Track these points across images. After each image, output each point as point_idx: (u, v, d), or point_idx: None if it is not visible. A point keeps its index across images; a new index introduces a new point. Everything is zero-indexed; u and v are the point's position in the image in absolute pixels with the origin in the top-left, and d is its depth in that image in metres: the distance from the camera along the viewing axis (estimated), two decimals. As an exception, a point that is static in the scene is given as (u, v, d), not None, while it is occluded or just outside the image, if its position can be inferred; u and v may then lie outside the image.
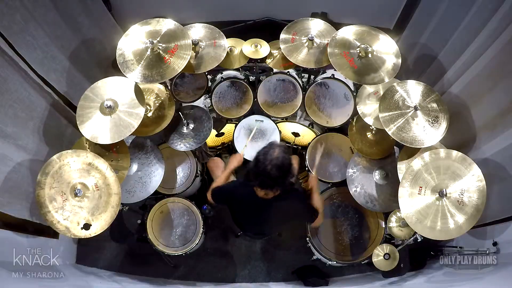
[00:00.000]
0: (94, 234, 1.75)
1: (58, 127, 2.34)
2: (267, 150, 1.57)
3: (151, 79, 1.90)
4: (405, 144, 1.87)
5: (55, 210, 1.72)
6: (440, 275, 2.22)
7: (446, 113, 1.90)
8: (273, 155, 1.54)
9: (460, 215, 1.70)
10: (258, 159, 1.57)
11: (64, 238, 2.47)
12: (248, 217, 1.90)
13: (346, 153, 2.48)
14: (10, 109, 1.89)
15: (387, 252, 2.06)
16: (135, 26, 2.03)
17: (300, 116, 2.94)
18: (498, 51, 1.84)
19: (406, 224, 1.84)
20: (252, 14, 3.13)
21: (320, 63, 2.16)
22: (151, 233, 2.31)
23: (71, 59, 2.37)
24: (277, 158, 1.53)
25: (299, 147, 2.76)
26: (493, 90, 1.92)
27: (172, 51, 1.94)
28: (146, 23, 2.03)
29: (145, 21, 2.03)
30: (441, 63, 2.45)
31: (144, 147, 2.28)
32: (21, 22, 1.89)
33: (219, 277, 2.70)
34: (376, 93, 2.18)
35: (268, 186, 1.60)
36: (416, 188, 1.76)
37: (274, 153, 1.54)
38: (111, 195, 1.79)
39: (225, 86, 2.52)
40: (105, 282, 2.47)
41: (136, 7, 2.88)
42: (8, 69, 1.85)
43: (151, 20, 2.03)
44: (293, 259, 2.69)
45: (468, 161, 1.76)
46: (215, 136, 2.69)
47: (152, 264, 2.68)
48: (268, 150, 1.56)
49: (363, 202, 2.12)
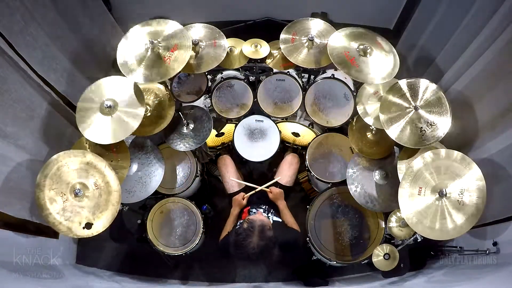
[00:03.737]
0: (96, 232, 1.75)
1: (58, 127, 2.33)
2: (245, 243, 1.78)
3: (151, 79, 1.90)
4: (405, 144, 1.86)
5: (56, 212, 1.72)
6: (440, 275, 2.22)
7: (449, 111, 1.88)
8: (249, 246, 1.76)
9: (460, 215, 1.70)
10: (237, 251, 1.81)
11: (64, 238, 2.47)
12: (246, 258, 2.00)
13: (346, 153, 2.48)
14: (10, 109, 1.89)
15: (387, 252, 2.06)
16: (136, 27, 2.02)
17: (300, 116, 2.94)
18: (498, 51, 1.84)
19: (406, 224, 1.83)
20: (252, 14, 3.13)
21: (320, 63, 2.16)
22: (151, 233, 2.31)
23: (71, 59, 2.37)
24: (255, 247, 1.76)
25: (299, 147, 2.76)
26: (493, 90, 1.92)
27: (172, 51, 1.94)
28: (146, 24, 2.02)
29: (145, 22, 2.03)
30: (441, 63, 2.46)
31: (144, 147, 2.28)
32: (21, 22, 1.89)
33: (219, 277, 2.70)
34: (376, 93, 2.18)
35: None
36: (416, 188, 1.76)
37: (251, 245, 1.76)
38: (111, 193, 1.79)
39: (225, 86, 2.52)
40: (105, 282, 2.47)
41: (136, 7, 2.88)
42: (8, 69, 1.85)
43: (151, 21, 2.03)
44: (293, 259, 2.69)
45: (468, 160, 1.76)
46: (215, 136, 2.69)
47: (152, 264, 2.68)
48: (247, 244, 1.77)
49: (363, 202, 2.12)
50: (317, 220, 2.36)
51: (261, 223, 1.83)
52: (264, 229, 1.82)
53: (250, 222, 1.83)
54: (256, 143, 2.52)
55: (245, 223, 1.85)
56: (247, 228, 1.81)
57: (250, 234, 1.78)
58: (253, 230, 1.79)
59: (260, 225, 1.82)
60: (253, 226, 1.80)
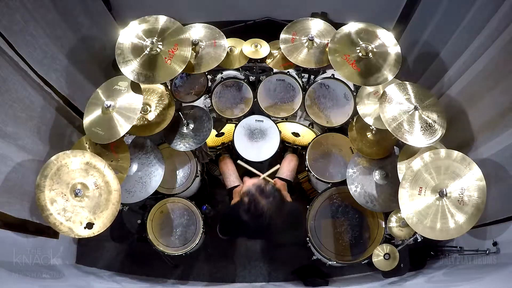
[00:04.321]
0: (97, 232, 1.75)
1: (58, 127, 2.33)
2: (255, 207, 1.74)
3: (151, 79, 1.90)
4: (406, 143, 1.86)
5: (57, 212, 1.72)
6: (440, 275, 2.22)
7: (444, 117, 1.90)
8: (261, 211, 1.73)
9: (460, 214, 1.70)
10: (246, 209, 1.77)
11: (64, 238, 2.47)
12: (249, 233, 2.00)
13: (346, 153, 2.48)
14: (10, 109, 1.89)
15: (387, 252, 2.06)
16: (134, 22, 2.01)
17: (300, 116, 2.94)
18: (498, 51, 1.84)
19: (406, 224, 1.84)
20: (252, 14, 3.13)
21: (320, 63, 2.16)
22: (151, 233, 2.31)
23: (71, 59, 2.37)
24: (265, 214, 1.73)
25: (299, 147, 2.76)
26: (493, 90, 1.92)
27: (172, 51, 1.94)
28: (144, 21, 2.01)
29: (142, 19, 2.02)
30: (441, 63, 2.46)
31: (144, 147, 2.28)
32: (21, 22, 1.89)
33: (219, 277, 2.70)
34: (376, 93, 2.18)
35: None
36: (416, 189, 1.76)
37: (261, 210, 1.73)
38: (111, 192, 1.80)
39: (225, 86, 2.52)
40: (105, 282, 2.47)
41: (136, 7, 2.88)
42: (8, 69, 1.85)
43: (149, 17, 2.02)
44: (293, 259, 2.69)
45: (468, 160, 1.76)
46: (215, 136, 2.69)
47: (152, 264, 2.68)
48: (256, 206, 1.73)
49: (363, 202, 2.12)
50: (317, 220, 2.36)
51: (255, 186, 1.80)
52: (262, 188, 1.79)
53: (247, 193, 1.79)
54: (256, 143, 2.51)
55: (245, 198, 1.80)
56: (250, 199, 1.76)
57: (256, 202, 1.74)
58: (256, 196, 1.75)
59: (256, 188, 1.79)
60: (252, 194, 1.77)
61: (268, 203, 1.74)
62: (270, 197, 1.76)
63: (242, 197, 1.83)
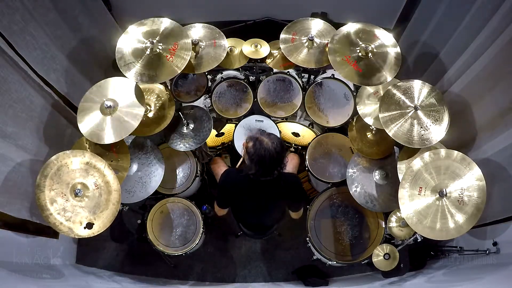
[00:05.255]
0: (97, 232, 1.75)
1: (58, 127, 2.33)
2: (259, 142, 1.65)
3: (151, 79, 1.90)
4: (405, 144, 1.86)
5: (57, 212, 1.72)
6: (440, 275, 2.22)
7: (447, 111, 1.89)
8: (267, 146, 1.63)
9: (460, 214, 1.70)
10: (253, 151, 1.65)
11: (64, 238, 2.47)
12: (247, 204, 1.92)
13: (346, 153, 2.47)
14: (10, 109, 1.89)
15: (387, 252, 2.06)
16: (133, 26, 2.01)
17: (300, 116, 2.94)
18: (498, 51, 1.84)
19: (406, 224, 1.84)
20: (252, 14, 3.12)
21: (320, 63, 2.16)
22: (151, 233, 2.31)
23: (71, 59, 2.37)
24: (271, 149, 1.63)
25: (299, 147, 2.76)
26: (493, 90, 1.92)
27: (172, 51, 1.94)
28: (143, 24, 2.01)
29: (141, 22, 2.02)
30: (441, 63, 2.45)
31: (144, 147, 2.28)
32: (21, 22, 1.89)
33: (219, 277, 2.70)
34: (376, 93, 2.18)
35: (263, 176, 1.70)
36: (416, 189, 1.76)
37: (266, 145, 1.63)
38: (111, 192, 1.80)
39: (225, 86, 2.52)
40: (105, 282, 2.47)
41: (136, 7, 2.88)
42: (8, 69, 1.85)
43: (147, 20, 2.02)
44: (293, 259, 2.69)
45: (468, 160, 1.76)
46: (215, 136, 2.69)
47: (152, 264, 2.68)
48: (261, 143, 1.64)
49: (363, 202, 2.12)
50: (317, 220, 2.37)
51: (252, 133, 1.74)
52: (261, 131, 1.74)
53: (250, 137, 1.71)
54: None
55: (249, 142, 1.70)
56: (254, 142, 1.67)
57: (260, 140, 1.66)
58: (257, 136, 1.67)
59: (258, 131, 1.79)
60: (256, 136, 1.68)
61: (271, 140, 1.65)
62: (272, 135, 1.69)
63: (246, 145, 1.74)
